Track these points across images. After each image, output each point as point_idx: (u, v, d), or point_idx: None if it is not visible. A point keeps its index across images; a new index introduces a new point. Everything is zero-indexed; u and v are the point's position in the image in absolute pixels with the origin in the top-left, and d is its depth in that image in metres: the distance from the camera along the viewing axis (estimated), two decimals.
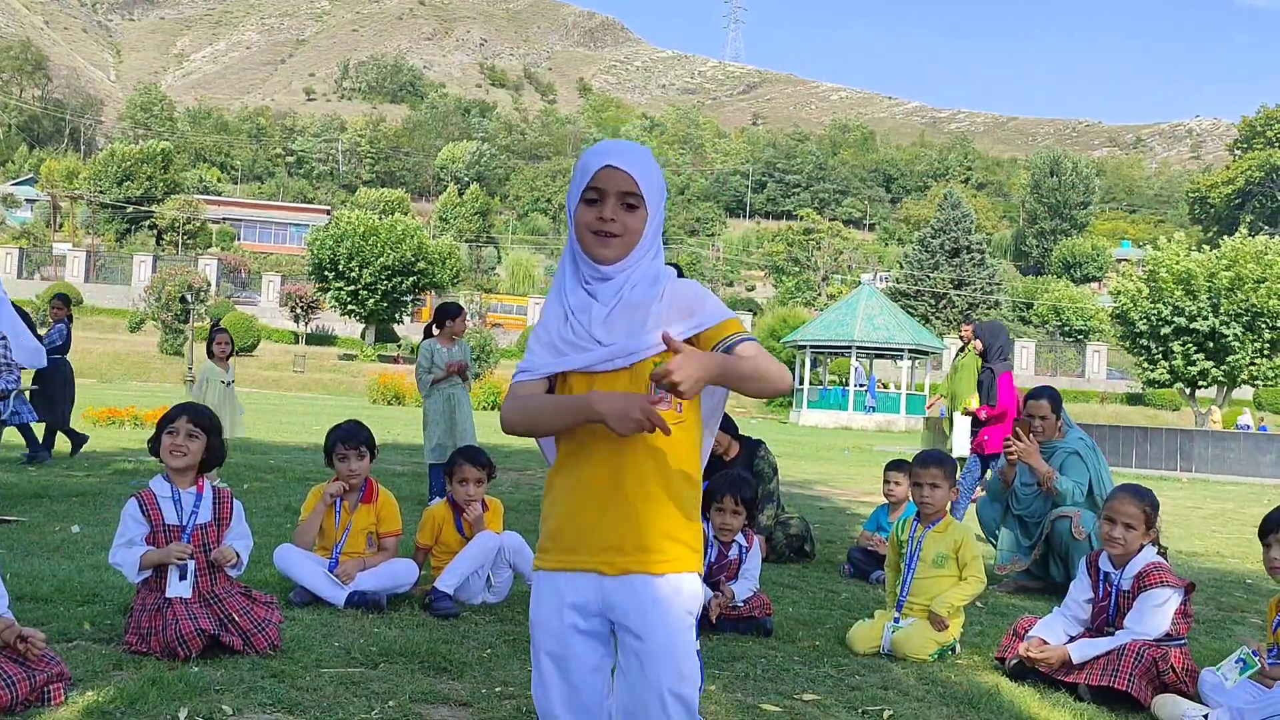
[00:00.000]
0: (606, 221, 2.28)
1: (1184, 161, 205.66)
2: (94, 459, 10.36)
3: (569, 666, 2.31)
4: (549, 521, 2.37)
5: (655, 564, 2.28)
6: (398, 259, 47.78)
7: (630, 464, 2.29)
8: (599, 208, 2.29)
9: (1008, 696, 3.83)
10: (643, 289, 2.33)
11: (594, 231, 2.30)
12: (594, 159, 2.31)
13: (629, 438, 2.23)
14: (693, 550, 2.34)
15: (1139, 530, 4.08)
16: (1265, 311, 30.54)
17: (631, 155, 2.32)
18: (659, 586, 2.27)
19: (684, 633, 2.29)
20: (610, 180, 2.28)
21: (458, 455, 5.12)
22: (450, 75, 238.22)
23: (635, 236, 2.32)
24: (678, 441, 2.31)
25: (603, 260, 2.31)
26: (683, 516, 2.34)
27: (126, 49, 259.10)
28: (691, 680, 2.31)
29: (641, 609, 2.26)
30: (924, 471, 4.57)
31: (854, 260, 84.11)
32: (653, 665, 2.25)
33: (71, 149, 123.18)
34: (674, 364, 2.09)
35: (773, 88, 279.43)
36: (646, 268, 2.35)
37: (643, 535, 2.28)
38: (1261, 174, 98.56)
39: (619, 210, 2.29)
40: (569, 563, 2.32)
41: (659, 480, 2.30)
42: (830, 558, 6.94)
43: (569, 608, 2.30)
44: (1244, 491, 16.10)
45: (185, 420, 3.85)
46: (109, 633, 3.93)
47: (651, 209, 2.33)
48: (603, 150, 2.33)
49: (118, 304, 55.37)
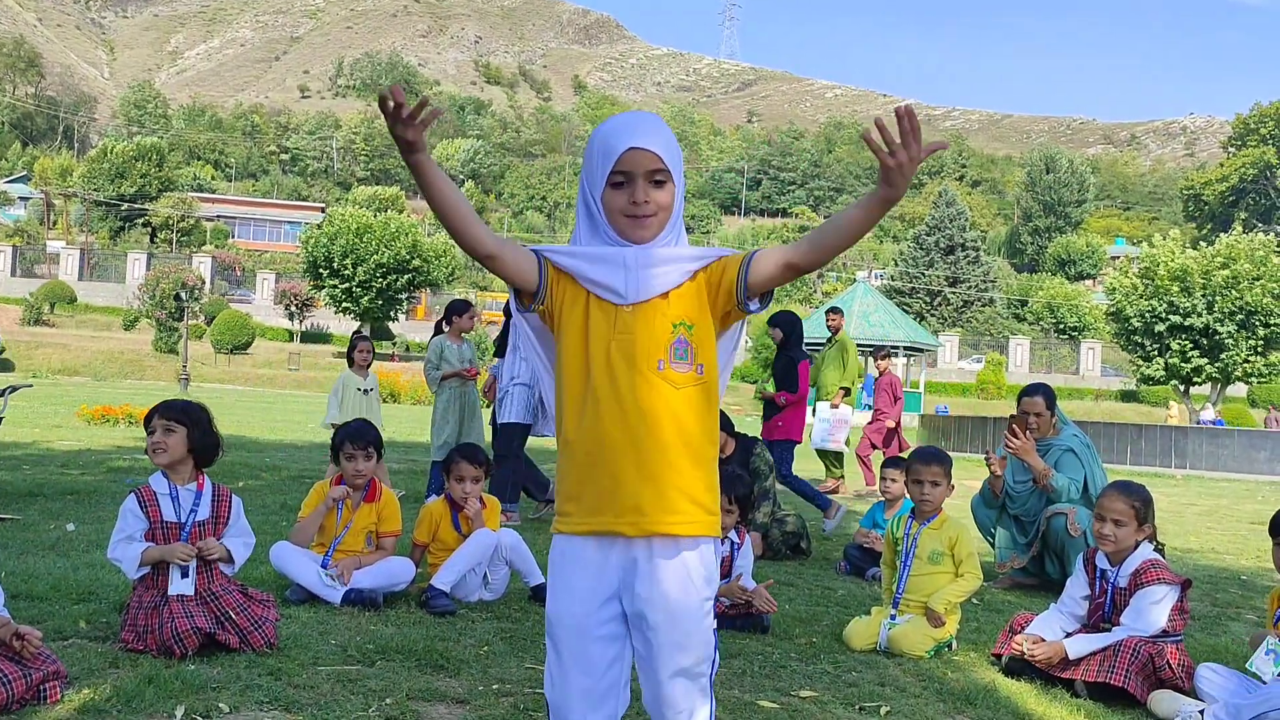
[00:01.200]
0: (640, 205, 2.27)
1: (1178, 159, 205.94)
2: (89, 457, 10.34)
3: (590, 661, 2.30)
4: (567, 482, 2.35)
5: (677, 525, 2.27)
6: (392, 257, 47.76)
7: (649, 422, 2.26)
8: (629, 191, 2.28)
9: (1004, 693, 3.84)
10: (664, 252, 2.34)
11: (628, 215, 2.29)
12: (616, 140, 2.28)
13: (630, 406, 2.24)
14: (711, 514, 2.33)
15: (1130, 526, 4.08)
16: (1259, 309, 30.60)
17: (653, 132, 2.29)
18: (686, 554, 2.28)
19: (702, 612, 2.30)
20: (637, 162, 2.27)
21: (455, 453, 5.12)
22: (445, 72, 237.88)
23: (668, 212, 2.32)
24: (696, 399, 2.31)
25: (640, 241, 2.31)
26: (704, 477, 2.33)
27: (120, 46, 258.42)
28: (708, 662, 2.33)
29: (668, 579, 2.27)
30: (924, 469, 4.57)
31: (849, 257, 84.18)
32: (668, 643, 2.27)
33: (65, 146, 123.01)
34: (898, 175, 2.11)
35: (767, 85, 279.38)
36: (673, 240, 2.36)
37: (665, 495, 2.26)
38: (1255, 171, 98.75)
39: (649, 190, 2.28)
40: (592, 525, 2.29)
41: (679, 439, 2.28)
42: (826, 555, 6.95)
43: (596, 604, 2.29)
44: (1238, 488, 16.14)
45: (158, 418, 3.86)
46: (105, 630, 3.92)
47: (677, 180, 2.33)
48: (622, 129, 2.30)
49: (112, 302, 55.27)
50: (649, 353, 2.28)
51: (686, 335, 2.30)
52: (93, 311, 53.99)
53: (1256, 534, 9.37)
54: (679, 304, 2.30)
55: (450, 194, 2.23)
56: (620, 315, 2.29)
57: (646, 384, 2.27)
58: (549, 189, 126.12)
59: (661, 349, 2.28)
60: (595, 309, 2.31)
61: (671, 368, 2.28)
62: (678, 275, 2.31)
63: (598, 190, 2.31)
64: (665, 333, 2.28)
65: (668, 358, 2.28)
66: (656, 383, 2.27)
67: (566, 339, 2.34)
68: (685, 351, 2.30)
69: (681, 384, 2.29)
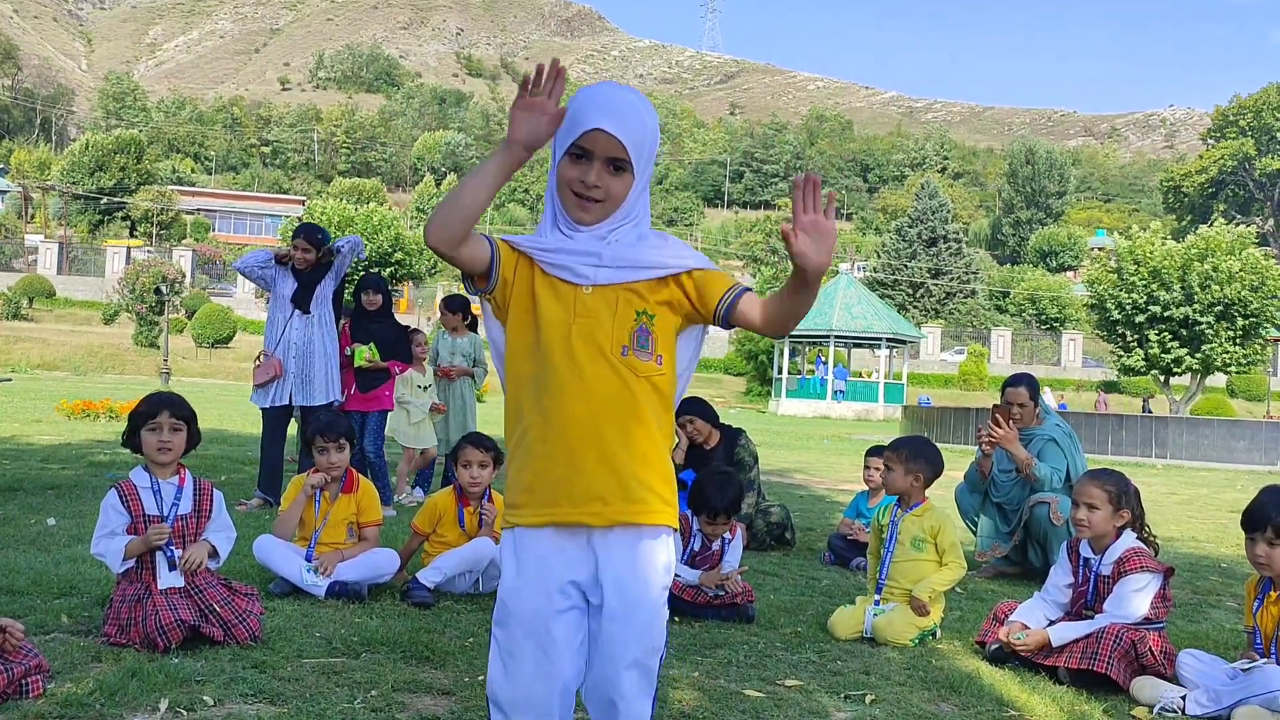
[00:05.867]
0: (590, 187, 2.23)
1: (1158, 151, 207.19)
2: (69, 452, 10.27)
3: (555, 649, 2.25)
4: (523, 474, 2.29)
5: (643, 514, 2.25)
6: (374, 250, 47.52)
7: (611, 409, 2.23)
8: (583, 168, 2.22)
9: (988, 680, 3.86)
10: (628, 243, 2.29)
11: (575, 193, 2.24)
12: (585, 116, 2.21)
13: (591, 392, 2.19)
14: (670, 505, 2.31)
15: (1104, 510, 4.11)
16: (1237, 301, 30.81)
17: (623, 118, 2.21)
18: (647, 542, 2.26)
19: (660, 602, 2.27)
20: (598, 144, 2.21)
21: (464, 440, 5.08)
22: (426, 65, 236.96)
23: (617, 201, 2.26)
24: (655, 391, 2.28)
25: (580, 223, 2.27)
26: (660, 467, 2.30)
27: (98, 38, 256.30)
28: (659, 654, 2.29)
29: (630, 568, 2.24)
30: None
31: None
32: (626, 632, 2.22)
33: (43, 139, 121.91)
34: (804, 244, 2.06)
35: (750, 77, 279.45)
36: (628, 231, 2.29)
37: (627, 485, 2.24)
38: (1234, 163, 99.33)
39: (604, 174, 2.22)
40: (552, 515, 2.25)
41: (640, 428, 2.25)
42: (810, 545, 6.96)
43: (556, 590, 2.25)
44: (1217, 477, 16.26)
45: (167, 415, 3.79)
46: (87, 625, 3.90)
47: (638, 172, 2.26)
48: (596, 104, 2.23)
49: (91, 296, 54.87)
50: (613, 338, 2.24)
51: (649, 325, 2.27)
52: (72, 306, 53.59)
53: (1236, 522, 9.40)
54: (645, 296, 2.27)
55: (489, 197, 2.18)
56: (580, 297, 2.24)
57: (610, 369, 2.23)
58: (531, 181, 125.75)
59: (625, 335, 2.24)
60: (551, 290, 2.25)
61: (635, 355, 2.25)
62: (651, 273, 2.27)
63: (558, 155, 2.25)
64: (629, 319, 2.25)
65: (631, 344, 2.25)
66: (619, 368, 2.24)
67: (518, 321, 2.28)
68: (647, 340, 2.26)
69: (643, 372, 2.26)
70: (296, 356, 7.35)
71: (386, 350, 7.67)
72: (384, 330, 7.78)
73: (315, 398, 7.30)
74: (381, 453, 7.65)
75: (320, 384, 7.33)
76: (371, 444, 7.54)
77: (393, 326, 7.90)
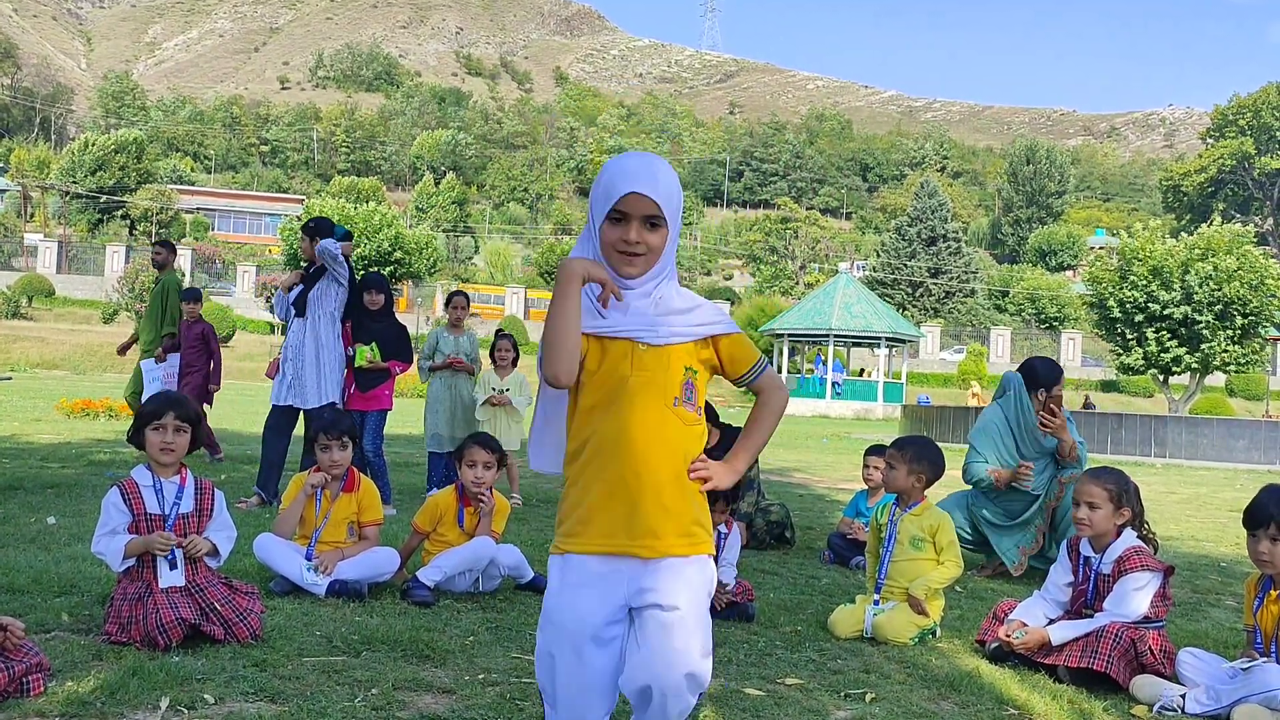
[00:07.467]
0: (632, 244, 2.51)
1: (1157, 150, 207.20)
2: (69, 451, 10.27)
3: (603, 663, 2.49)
4: (579, 509, 2.54)
5: (689, 547, 2.53)
6: (374, 249, 47.53)
7: (653, 458, 2.50)
8: (623, 229, 2.51)
9: (988, 679, 3.86)
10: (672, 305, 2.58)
11: (620, 251, 2.52)
12: (620, 182, 2.49)
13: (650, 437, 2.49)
14: (709, 534, 2.61)
15: (1105, 509, 4.11)
16: (1236, 300, 30.80)
17: (654, 180, 2.50)
18: (694, 566, 2.52)
19: (706, 614, 2.51)
20: (634, 205, 2.49)
21: (469, 439, 5.08)
22: (426, 64, 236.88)
23: (657, 253, 2.55)
24: (697, 438, 2.59)
25: (628, 276, 2.55)
26: (700, 503, 2.60)
27: (97, 37, 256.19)
28: (709, 660, 2.49)
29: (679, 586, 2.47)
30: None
31: (831, 249, 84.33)
32: (682, 639, 2.43)
33: (42, 138, 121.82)
34: (713, 473, 2.57)
35: (749, 77, 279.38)
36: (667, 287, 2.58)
37: (679, 523, 2.52)
38: (1233, 162, 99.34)
39: (642, 231, 2.51)
40: (606, 546, 2.50)
41: (680, 471, 2.54)
42: (810, 544, 6.97)
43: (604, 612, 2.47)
44: (1217, 476, 16.27)
45: (172, 416, 3.80)
46: (88, 623, 3.90)
47: (671, 224, 2.55)
48: (627, 173, 2.50)
49: (91, 295, 54.84)
50: (667, 391, 2.53)
51: (693, 379, 2.57)
52: (71, 305, 53.56)
53: (1235, 521, 9.42)
54: (690, 353, 2.57)
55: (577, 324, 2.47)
56: (637, 353, 2.52)
57: (664, 419, 2.52)
58: (530, 180, 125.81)
59: (676, 388, 2.53)
60: (611, 350, 2.53)
61: (684, 406, 2.55)
62: (694, 332, 2.57)
63: (598, 222, 2.54)
64: (679, 374, 2.54)
65: (681, 396, 2.54)
66: (671, 419, 2.53)
67: (586, 378, 2.54)
68: (691, 394, 2.56)
69: (689, 421, 2.56)
70: (292, 359, 7.51)
71: (388, 350, 7.69)
72: (385, 330, 7.78)
73: (309, 400, 7.38)
74: (381, 452, 7.65)
75: (313, 386, 7.41)
76: (371, 443, 7.55)
77: (394, 326, 7.91)
